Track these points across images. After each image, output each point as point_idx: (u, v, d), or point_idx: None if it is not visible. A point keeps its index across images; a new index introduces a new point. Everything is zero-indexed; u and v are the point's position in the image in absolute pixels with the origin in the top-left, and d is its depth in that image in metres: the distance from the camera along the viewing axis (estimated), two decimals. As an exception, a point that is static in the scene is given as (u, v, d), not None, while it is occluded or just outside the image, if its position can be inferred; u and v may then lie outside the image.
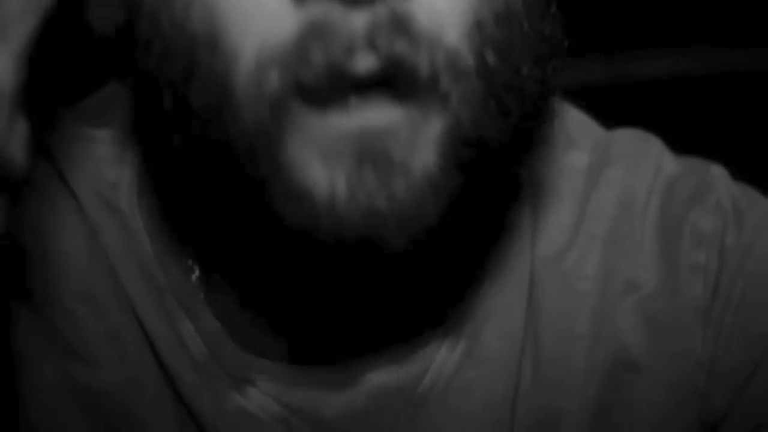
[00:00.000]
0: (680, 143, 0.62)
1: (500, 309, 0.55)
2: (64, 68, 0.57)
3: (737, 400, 0.56)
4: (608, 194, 0.58)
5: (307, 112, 0.45)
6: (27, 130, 0.41)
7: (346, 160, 0.45)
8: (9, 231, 0.45)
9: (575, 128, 0.60)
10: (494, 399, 0.55)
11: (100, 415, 0.55)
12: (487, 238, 0.56)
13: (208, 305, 0.55)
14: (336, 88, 0.45)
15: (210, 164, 0.47)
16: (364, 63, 0.45)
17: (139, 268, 0.55)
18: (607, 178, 0.58)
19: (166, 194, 0.56)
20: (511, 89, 0.48)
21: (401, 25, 0.45)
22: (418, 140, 0.46)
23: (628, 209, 0.58)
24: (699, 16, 1.68)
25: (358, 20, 0.45)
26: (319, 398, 0.54)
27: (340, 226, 0.45)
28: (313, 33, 0.45)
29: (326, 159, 0.45)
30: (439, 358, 0.55)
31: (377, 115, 0.46)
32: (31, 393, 0.54)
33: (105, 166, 0.56)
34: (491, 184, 0.50)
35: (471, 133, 0.47)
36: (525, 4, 0.48)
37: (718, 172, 0.60)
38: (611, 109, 0.67)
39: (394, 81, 0.46)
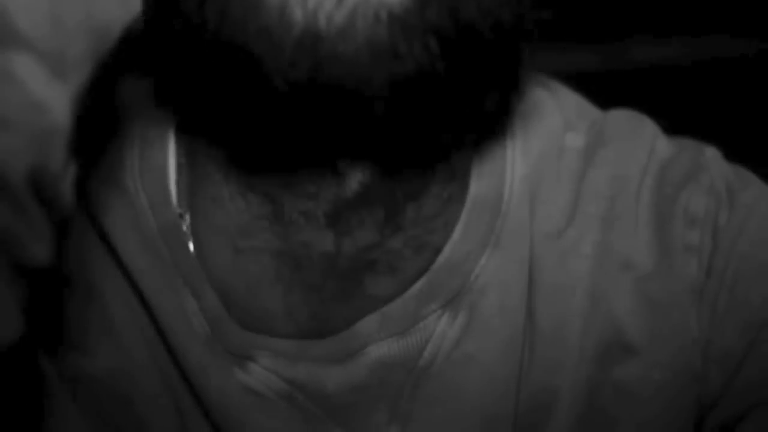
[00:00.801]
0: (673, 129, 0.63)
1: (499, 284, 0.56)
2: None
3: (732, 381, 0.57)
4: (603, 174, 0.59)
5: None
6: (76, 170, 0.42)
7: None
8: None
9: (572, 110, 0.61)
10: (495, 373, 0.56)
11: (93, 403, 0.55)
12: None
13: (208, 282, 0.55)
14: None
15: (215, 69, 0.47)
16: None
17: (145, 246, 0.55)
18: (602, 158, 0.59)
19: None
20: None
21: None
22: None
23: (622, 190, 0.58)
24: (691, 3, 1.69)
25: None
26: (321, 372, 0.55)
27: (312, 52, 0.45)
28: None
29: None
30: (439, 331, 0.55)
31: None
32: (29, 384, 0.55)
33: (107, 143, 0.56)
34: (474, 75, 0.48)
35: None
36: None
37: (711, 154, 0.61)
38: (605, 96, 0.67)
39: None
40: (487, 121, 0.51)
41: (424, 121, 0.48)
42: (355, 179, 0.52)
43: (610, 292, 0.57)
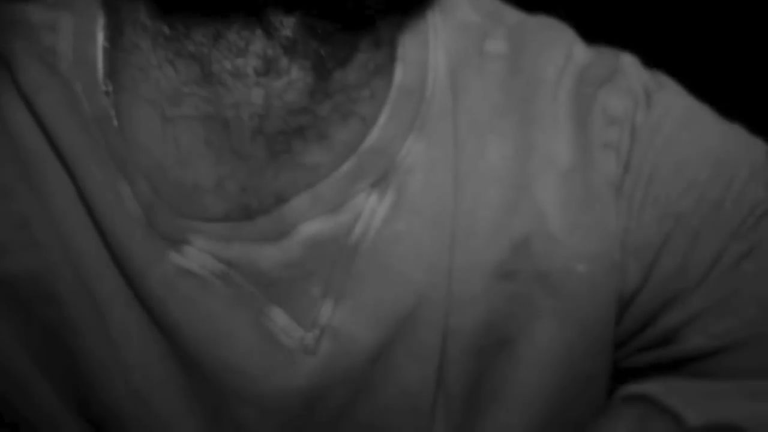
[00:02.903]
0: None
1: (425, 165, 0.58)
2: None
3: (650, 273, 0.59)
4: (522, 79, 0.61)
5: None
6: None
7: None
8: None
9: (488, 13, 0.63)
10: (424, 248, 0.57)
11: (12, 303, 0.56)
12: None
13: (140, 168, 0.56)
14: None
15: None
16: None
17: (81, 130, 0.56)
18: (522, 63, 0.61)
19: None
20: None
21: None
22: None
23: (540, 91, 0.60)
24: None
25: None
26: (255, 251, 0.56)
27: None
28: None
29: None
30: (368, 209, 0.57)
31: None
32: None
33: (40, 34, 0.58)
34: None
35: None
36: None
37: (628, 59, 0.63)
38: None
39: None
40: None
41: None
42: (284, 32, 0.54)
43: (533, 185, 0.59)
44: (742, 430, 0.43)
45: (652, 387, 0.47)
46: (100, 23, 0.58)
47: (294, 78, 0.55)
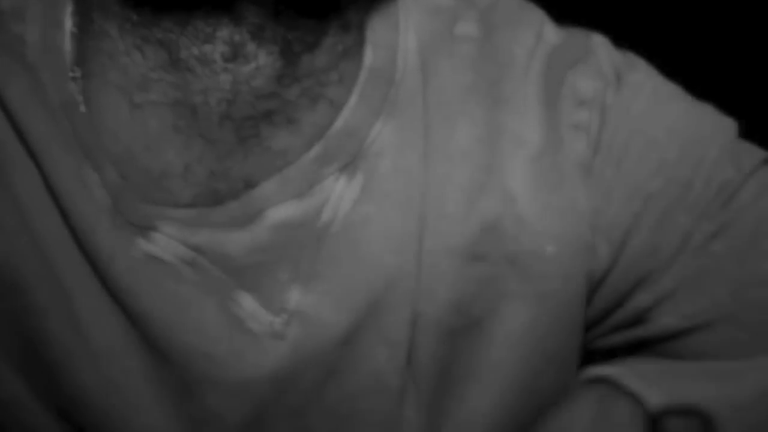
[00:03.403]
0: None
1: (395, 148, 0.58)
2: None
3: (620, 252, 0.59)
4: (493, 61, 0.61)
5: None
6: None
7: None
8: None
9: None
10: (393, 231, 0.58)
11: None
12: None
13: (108, 155, 0.56)
14: None
15: None
16: None
17: (48, 117, 0.56)
18: (492, 46, 0.61)
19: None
20: None
21: None
22: None
23: (511, 72, 0.60)
24: None
25: None
26: (224, 237, 0.56)
27: None
28: None
29: None
30: (337, 193, 0.57)
31: None
32: None
33: (8, 22, 0.58)
34: None
35: None
36: None
37: (599, 40, 0.63)
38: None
39: None
40: None
41: None
42: (251, 18, 0.55)
43: (503, 167, 0.59)
44: (704, 412, 0.43)
45: (613, 369, 0.47)
46: (69, 10, 0.58)
47: (261, 63, 0.55)
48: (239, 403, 0.56)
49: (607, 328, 0.62)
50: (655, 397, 0.45)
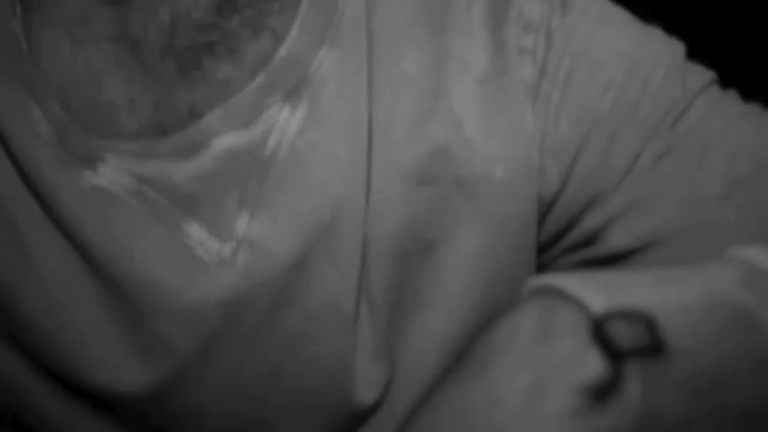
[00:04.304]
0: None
1: (339, 76, 0.58)
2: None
3: (569, 174, 0.60)
4: None
5: None
6: None
7: None
8: None
9: None
10: (339, 157, 0.58)
11: None
12: None
13: (50, 90, 0.56)
14: None
15: None
16: None
17: None
18: None
19: None
20: None
21: None
22: None
23: (455, 3, 0.60)
24: None
25: None
26: (169, 166, 0.57)
27: None
28: None
29: None
30: (282, 121, 0.58)
31: None
32: None
33: None
34: None
35: None
36: None
37: None
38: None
39: None
40: None
41: None
42: None
43: (450, 91, 0.59)
44: (647, 313, 0.43)
45: (558, 277, 0.47)
46: None
47: None
48: (190, 329, 0.57)
49: (560, 249, 0.62)
50: (599, 302, 0.45)
